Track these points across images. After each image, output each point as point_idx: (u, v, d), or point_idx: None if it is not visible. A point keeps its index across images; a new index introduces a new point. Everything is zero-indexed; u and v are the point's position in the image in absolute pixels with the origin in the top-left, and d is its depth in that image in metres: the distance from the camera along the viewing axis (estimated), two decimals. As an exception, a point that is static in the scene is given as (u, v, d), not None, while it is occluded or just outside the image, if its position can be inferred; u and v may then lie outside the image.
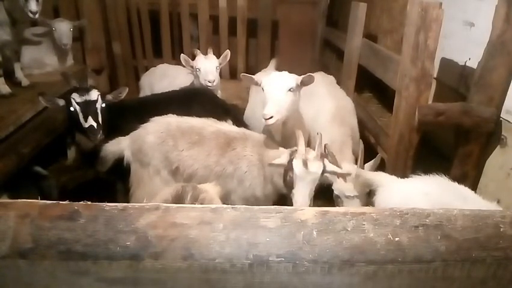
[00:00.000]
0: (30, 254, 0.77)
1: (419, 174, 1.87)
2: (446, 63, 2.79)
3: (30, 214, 0.80)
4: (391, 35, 3.74)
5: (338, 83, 3.52)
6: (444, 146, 2.66)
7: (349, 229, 0.84)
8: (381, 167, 2.47)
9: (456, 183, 1.75)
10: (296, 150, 2.02)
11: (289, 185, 2.04)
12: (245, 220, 0.85)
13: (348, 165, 2.41)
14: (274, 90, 2.17)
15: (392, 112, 2.56)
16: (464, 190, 1.72)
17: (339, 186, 2.39)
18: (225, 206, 0.89)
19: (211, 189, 1.65)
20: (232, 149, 2.25)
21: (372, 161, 2.47)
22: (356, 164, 2.42)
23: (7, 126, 2.69)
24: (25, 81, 3.46)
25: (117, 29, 4.72)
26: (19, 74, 3.46)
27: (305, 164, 1.95)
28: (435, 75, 2.76)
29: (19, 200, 0.82)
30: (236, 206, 0.88)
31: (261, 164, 2.24)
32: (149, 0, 4.69)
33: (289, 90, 2.18)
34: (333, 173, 2.08)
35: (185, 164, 2.26)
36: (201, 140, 2.27)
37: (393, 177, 2.01)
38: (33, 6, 2.84)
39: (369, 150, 2.90)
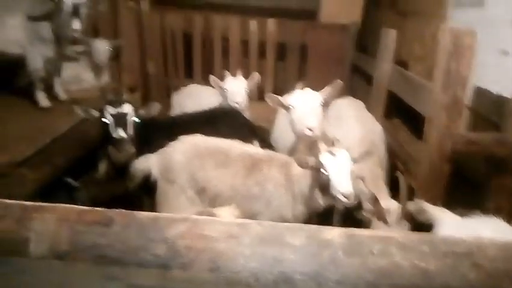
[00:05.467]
0: (66, 257, 0.80)
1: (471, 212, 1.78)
2: (481, 92, 2.73)
3: (68, 218, 0.84)
4: (422, 61, 3.72)
5: (367, 108, 3.50)
6: (476, 176, 2.57)
7: (375, 252, 0.83)
8: (410, 195, 2.40)
9: None
10: (319, 150, 2.02)
11: (325, 186, 1.99)
12: (271, 236, 0.86)
13: (387, 201, 2.24)
14: (306, 104, 2.24)
15: (422, 139, 2.51)
16: None
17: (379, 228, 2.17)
18: (251, 221, 0.91)
19: (228, 213, 1.65)
20: (258, 170, 2.26)
21: (416, 202, 2.16)
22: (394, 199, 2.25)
23: (44, 138, 2.84)
24: (63, 96, 3.67)
25: (152, 49, 4.93)
26: (58, 88, 3.67)
27: (331, 153, 1.96)
28: (468, 104, 2.70)
29: (59, 205, 0.87)
30: (262, 221, 0.90)
31: (288, 184, 2.22)
32: (184, 23, 4.89)
33: (320, 104, 2.27)
34: (371, 202, 2.03)
35: (211, 184, 2.28)
36: (227, 161, 2.29)
37: (453, 214, 1.93)
38: (76, 25, 3.05)
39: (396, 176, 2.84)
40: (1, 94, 3.65)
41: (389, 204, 2.20)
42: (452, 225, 1.79)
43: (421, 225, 1.97)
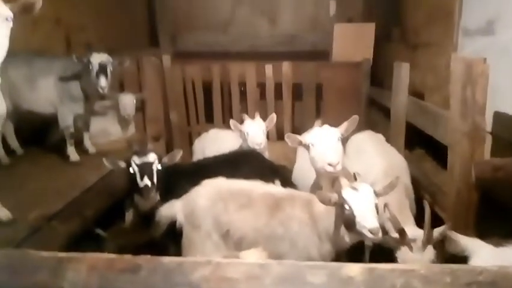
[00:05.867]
0: (97, 304, 0.84)
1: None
2: (500, 117, 2.69)
3: (98, 267, 0.88)
4: (438, 91, 3.72)
5: (387, 140, 3.49)
6: (507, 203, 2.47)
7: (398, 286, 0.82)
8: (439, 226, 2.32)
9: None
10: (341, 185, 2.00)
11: (350, 222, 1.94)
12: (292, 276, 0.86)
13: (413, 229, 2.17)
14: (326, 141, 2.28)
15: (447, 169, 2.47)
16: None
17: (405, 257, 2.08)
18: (272, 261, 0.92)
19: (254, 257, 1.64)
20: (281, 210, 2.25)
21: (441, 228, 2.14)
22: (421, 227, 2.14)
23: (74, 191, 2.96)
24: (92, 150, 3.84)
25: (174, 99, 5.16)
26: (87, 142, 3.86)
27: (354, 188, 1.94)
28: (489, 130, 2.66)
29: (89, 254, 0.91)
30: (283, 261, 0.90)
31: (313, 223, 2.19)
32: (203, 72, 5.14)
33: (338, 139, 2.30)
34: (396, 231, 1.98)
35: (235, 227, 2.28)
36: (249, 203, 2.30)
37: (487, 245, 1.86)
38: (103, 82, 3.24)
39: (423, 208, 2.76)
40: (34, 150, 3.86)
41: (415, 232, 2.14)
42: (487, 256, 1.71)
43: (455, 257, 1.90)
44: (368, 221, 1.88)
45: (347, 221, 1.99)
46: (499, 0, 2.74)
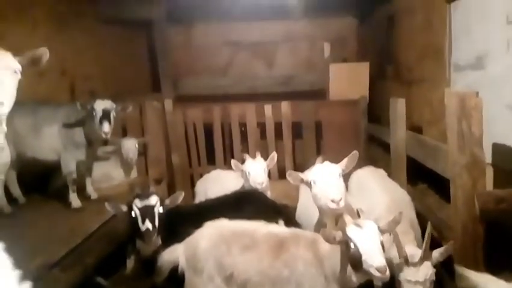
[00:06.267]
0: None
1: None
2: (499, 148, 2.72)
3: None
4: (435, 125, 3.78)
5: (389, 176, 3.49)
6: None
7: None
8: (449, 261, 2.27)
9: None
10: (345, 223, 1.98)
11: (356, 261, 1.90)
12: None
13: (412, 248, 2.19)
14: (327, 177, 2.29)
15: (450, 203, 2.46)
16: None
17: (404, 271, 2.09)
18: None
19: None
20: (285, 250, 2.21)
21: (443, 248, 2.16)
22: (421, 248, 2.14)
23: (76, 238, 2.92)
24: (94, 195, 3.84)
25: (176, 142, 5.22)
26: (89, 188, 3.86)
27: (358, 225, 1.92)
28: (489, 161, 2.68)
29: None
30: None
31: (318, 263, 2.13)
32: (204, 114, 5.24)
33: (339, 175, 2.32)
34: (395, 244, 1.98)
35: (239, 269, 2.23)
36: (253, 244, 2.26)
37: (499, 280, 1.81)
38: (106, 127, 3.30)
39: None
40: (36, 197, 3.86)
41: (414, 251, 2.14)
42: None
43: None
44: (374, 259, 1.85)
45: (353, 259, 1.94)
46: (486, 37, 2.86)
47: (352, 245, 1.91)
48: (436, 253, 2.13)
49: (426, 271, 2.05)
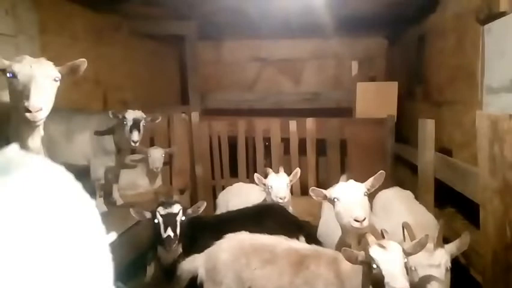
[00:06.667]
0: None
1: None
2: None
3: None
4: (466, 148, 3.66)
5: (416, 198, 3.40)
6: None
7: None
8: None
9: None
10: (368, 243, 1.94)
11: (378, 282, 1.85)
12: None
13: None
14: (351, 196, 2.26)
15: (480, 228, 2.36)
16: None
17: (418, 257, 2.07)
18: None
19: None
20: (305, 267, 2.19)
21: (458, 240, 2.16)
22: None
23: (100, 242, 2.99)
24: (119, 201, 3.94)
25: (200, 154, 5.30)
26: (116, 194, 3.96)
27: (381, 246, 1.88)
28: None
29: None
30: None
31: (339, 282, 2.10)
32: (229, 127, 5.31)
33: (364, 194, 2.28)
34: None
35: (257, 284, 2.22)
36: (273, 259, 2.25)
37: None
38: (135, 136, 3.40)
39: (457, 269, 2.59)
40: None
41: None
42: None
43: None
44: (397, 281, 1.79)
45: (375, 281, 1.90)
46: (521, 60, 2.77)
47: (374, 266, 1.87)
48: (452, 245, 2.15)
49: (441, 256, 2.06)
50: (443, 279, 2.06)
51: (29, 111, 1.92)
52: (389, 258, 1.86)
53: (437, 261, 2.06)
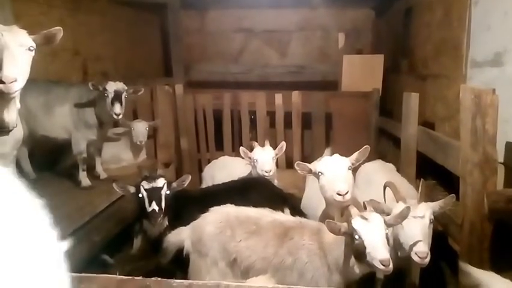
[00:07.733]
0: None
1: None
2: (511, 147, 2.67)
3: (109, 287, 0.88)
4: (449, 121, 3.72)
5: (398, 170, 3.47)
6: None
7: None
8: (453, 258, 2.27)
9: None
10: (350, 215, 1.99)
11: (360, 253, 1.92)
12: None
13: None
14: (335, 169, 2.29)
15: (459, 200, 2.43)
16: None
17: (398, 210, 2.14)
18: (281, 286, 0.90)
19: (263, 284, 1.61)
20: (289, 238, 2.23)
21: (442, 200, 2.25)
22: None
23: (83, 216, 2.97)
24: (103, 175, 3.88)
25: (185, 127, 5.24)
26: (99, 168, 3.90)
27: (363, 217, 1.93)
28: (501, 160, 2.63)
29: (100, 275, 0.91)
30: (291, 286, 0.89)
31: (322, 253, 2.15)
32: (214, 100, 5.24)
33: (348, 168, 2.32)
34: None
35: (242, 255, 2.25)
36: (258, 230, 2.28)
37: (504, 279, 1.80)
38: (117, 109, 3.31)
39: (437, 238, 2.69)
40: (46, 175, 3.92)
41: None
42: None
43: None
44: (378, 252, 1.85)
45: (357, 251, 1.95)
46: (506, 34, 2.79)
47: (357, 237, 1.92)
48: (436, 203, 2.24)
49: (425, 208, 2.17)
50: (427, 230, 2.14)
51: (3, 82, 1.83)
52: (370, 229, 1.91)
53: (421, 213, 2.15)
